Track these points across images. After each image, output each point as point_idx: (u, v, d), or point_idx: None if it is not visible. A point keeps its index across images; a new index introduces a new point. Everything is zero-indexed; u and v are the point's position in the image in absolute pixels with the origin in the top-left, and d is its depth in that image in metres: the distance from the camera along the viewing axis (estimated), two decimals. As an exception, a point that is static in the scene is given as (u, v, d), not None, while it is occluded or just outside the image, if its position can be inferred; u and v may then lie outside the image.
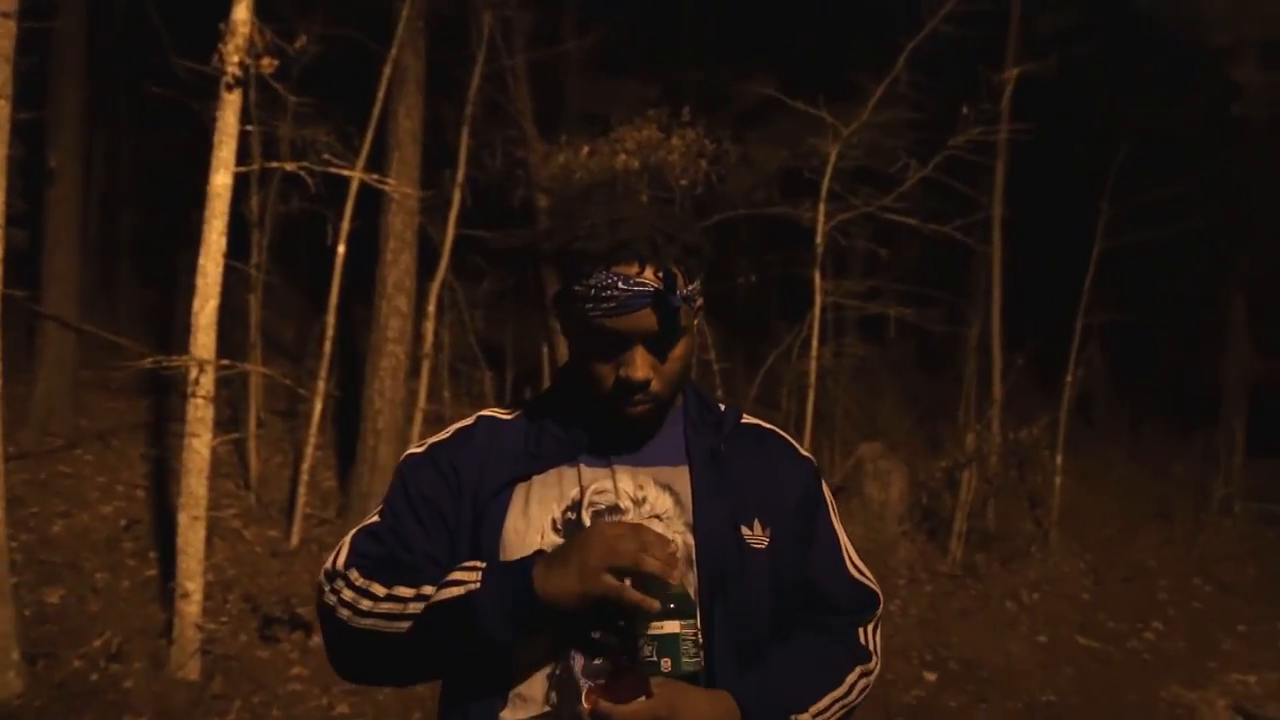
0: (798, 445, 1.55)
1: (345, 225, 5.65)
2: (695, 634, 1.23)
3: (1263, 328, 9.63)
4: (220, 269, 4.38)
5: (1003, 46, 6.75)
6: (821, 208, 5.59)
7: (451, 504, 1.38)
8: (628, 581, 1.19)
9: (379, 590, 1.30)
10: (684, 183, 5.50)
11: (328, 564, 1.39)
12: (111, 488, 6.68)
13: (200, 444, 4.46)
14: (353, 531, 1.41)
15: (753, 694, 1.29)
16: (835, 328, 8.51)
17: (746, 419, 1.53)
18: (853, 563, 1.50)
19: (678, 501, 1.37)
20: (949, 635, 5.66)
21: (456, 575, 1.26)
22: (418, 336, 6.36)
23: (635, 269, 1.27)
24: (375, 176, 5.45)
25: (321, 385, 5.79)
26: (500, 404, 1.55)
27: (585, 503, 1.36)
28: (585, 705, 1.21)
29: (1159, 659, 5.69)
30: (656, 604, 1.19)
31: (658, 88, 6.93)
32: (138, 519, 6.07)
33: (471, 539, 1.36)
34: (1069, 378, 7.53)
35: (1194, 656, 5.75)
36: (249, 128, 4.36)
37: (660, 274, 1.26)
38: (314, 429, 5.79)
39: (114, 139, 8.79)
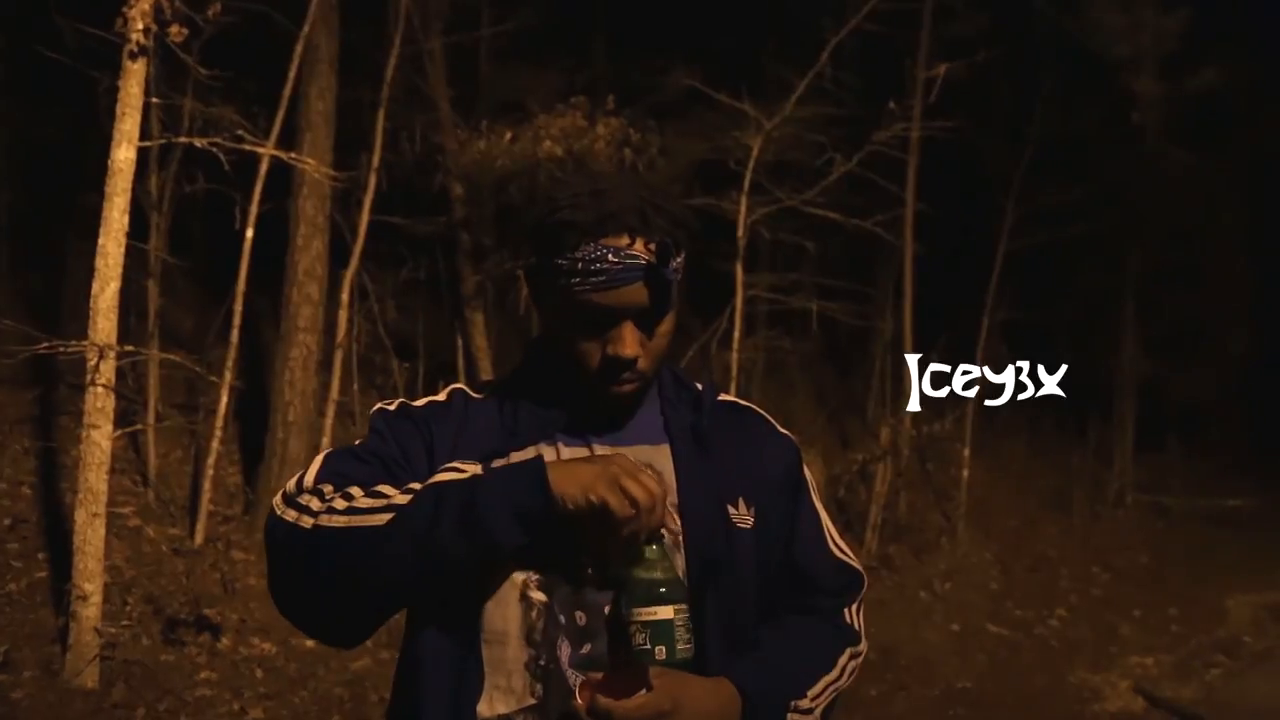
0: (776, 423, 1.50)
1: (254, 208, 5.39)
2: (687, 619, 1.16)
3: (1151, 328, 10.15)
4: (122, 250, 4.12)
5: (916, 49, 6.91)
6: (744, 200, 5.60)
7: (423, 463, 1.28)
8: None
9: (357, 492, 1.18)
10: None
11: (289, 484, 1.24)
12: (-11, 483, 6.25)
13: (100, 436, 4.18)
14: (323, 453, 1.29)
15: (751, 680, 1.24)
16: (748, 323, 8.58)
17: (724, 396, 1.48)
18: (835, 543, 1.46)
19: (660, 481, 1.28)
20: (867, 625, 5.74)
21: (456, 464, 1.17)
22: (329, 326, 6.12)
23: (625, 241, 1.19)
24: (290, 154, 5.21)
25: (229, 375, 5.51)
26: (412, 398, 1.44)
27: None
28: (580, 701, 1.13)
29: (1064, 644, 5.91)
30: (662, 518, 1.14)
31: (579, 78, 6.85)
32: (24, 518, 5.68)
33: None
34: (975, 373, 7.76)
35: (1097, 641, 5.98)
36: (154, 100, 4.10)
37: (652, 246, 1.19)
38: (219, 421, 5.51)
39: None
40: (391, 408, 1.35)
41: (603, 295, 1.20)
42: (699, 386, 1.43)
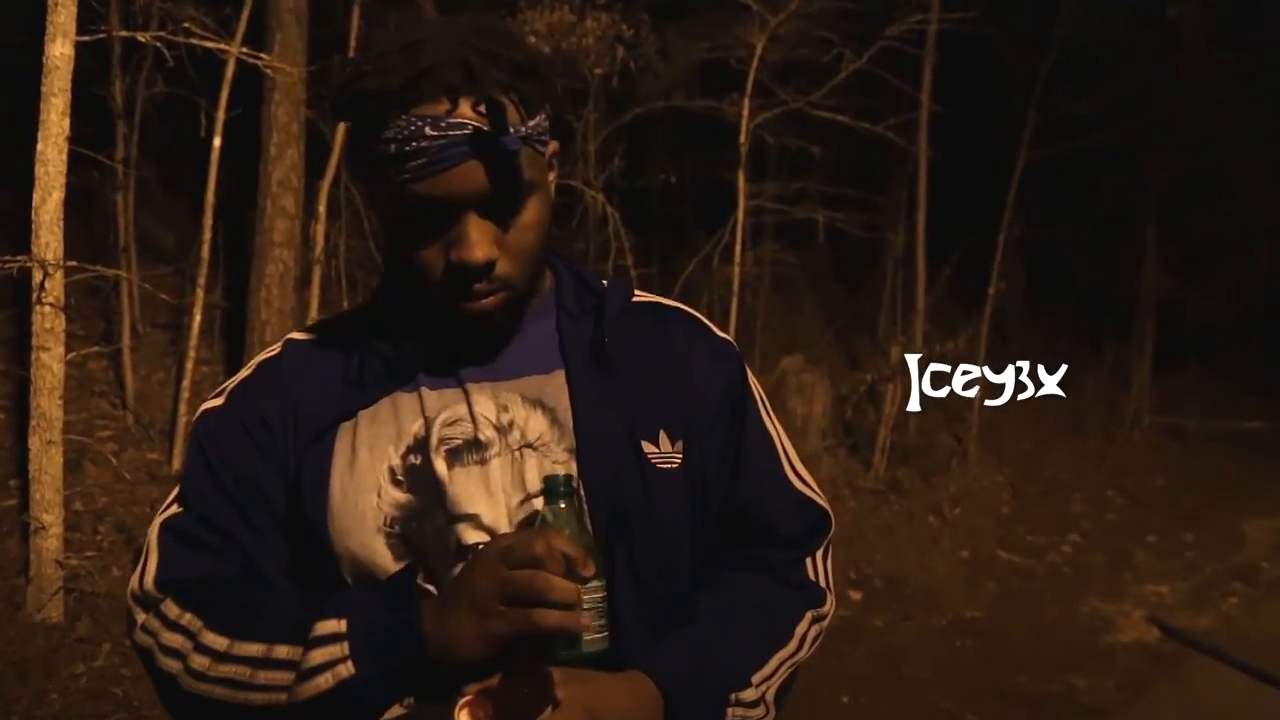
0: (713, 326, 1.18)
1: (220, 114, 5.02)
2: (600, 600, 0.89)
3: (1174, 244, 9.73)
4: (64, 155, 3.79)
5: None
6: (746, 103, 5.18)
7: (266, 469, 1.00)
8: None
9: (212, 641, 0.93)
10: (599, 71, 5.02)
11: (134, 577, 0.99)
12: (-38, 410, 6.04)
13: (50, 358, 3.92)
14: (157, 521, 1.02)
15: (673, 675, 0.96)
16: (753, 235, 8.21)
17: (640, 296, 1.15)
18: (796, 474, 1.16)
19: (554, 421, 1.01)
20: (873, 552, 5.55)
21: (318, 654, 0.89)
22: (307, 241, 5.81)
23: (444, 106, 0.89)
24: (255, 55, 4.81)
25: (200, 294, 5.22)
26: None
27: (434, 439, 0.99)
28: None
29: (1077, 572, 5.70)
30: (586, 619, 0.86)
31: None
32: (-3, 444, 5.48)
33: (289, 511, 0.99)
34: (991, 290, 7.41)
35: (1110, 569, 5.78)
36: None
37: (481, 108, 0.89)
38: (194, 342, 5.26)
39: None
40: (218, 404, 1.05)
41: (428, 184, 0.90)
42: (605, 287, 1.11)
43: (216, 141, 5.12)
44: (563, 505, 0.89)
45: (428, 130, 0.88)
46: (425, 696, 0.91)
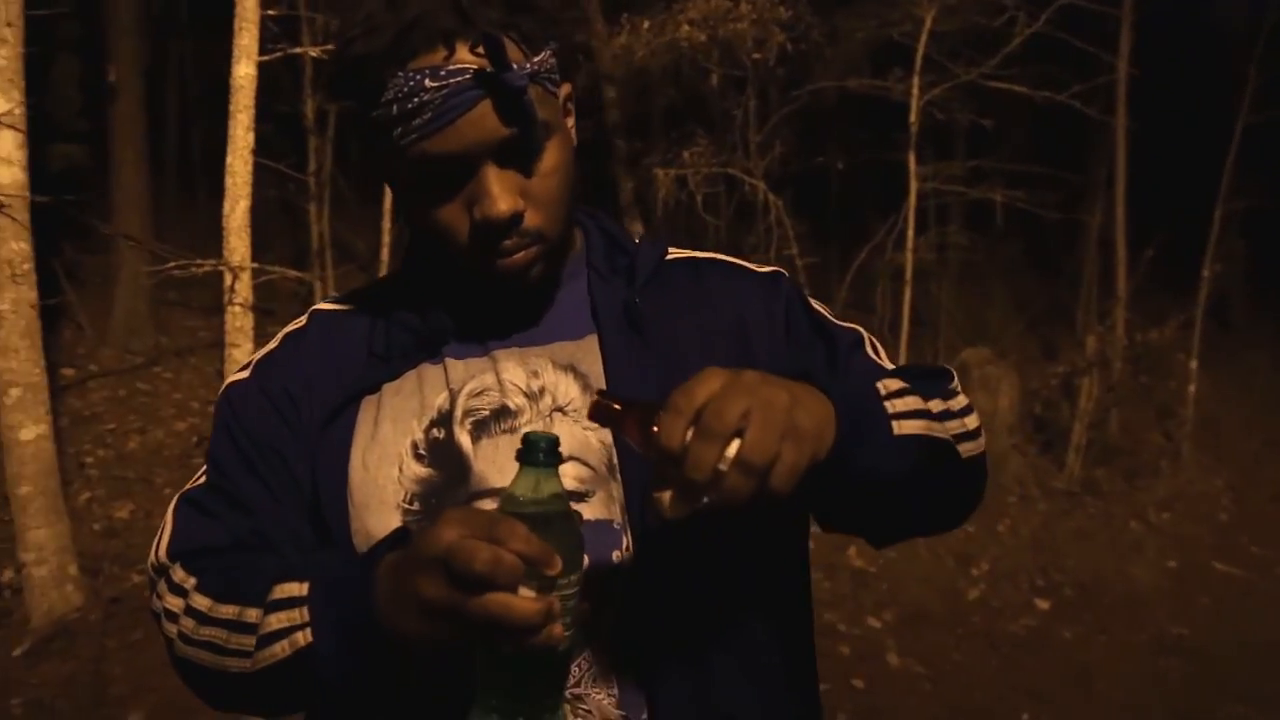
0: (754, 265, 1.07)
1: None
2: (571, 596, 0.76)
3: None
4: (249, 167, 4.05)
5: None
6: (916, 80, 4.88)
7: (290, 441, 0.96)
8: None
9: (197, 603, 0.89)
10: (757, 56, 4.87)
11: (152, 548, 0.98)
12: (187, 404, 6.65)
13: (241, 355, 4.20)
14: (178, 495, 1.00)
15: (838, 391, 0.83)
16: (937, 219, 7.77)
17: (675, 253, 1.06)
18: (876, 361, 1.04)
19: (586, 387, 0.93)
20: (1064, 558, 5.11)
21: (278, 619, 0.83)
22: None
23: (441, 54, 0.82)
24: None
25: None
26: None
27: (459, 411, 0.93)
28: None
29: (1311, 588, 5.01)
30: (557, 630, 0.74)
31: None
32: (209, 435, 6.00)
33: (312, 483, 0.94)
34: (1205, 273, 6.66)
35: (1353, 585, 5.04)
36: (270, 12, 3.97)
37: (480, 49, 0.81)
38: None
39: (180, 49, 8.61)
40: (243, 376, 1.02)
41: (437, 139, 0.83)
42: (637, 245, 1.02)
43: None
44: (541, 473, 0.75)
45: (428, 82, 0.82)
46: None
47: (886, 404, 0.84)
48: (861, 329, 1.07)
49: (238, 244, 4.08)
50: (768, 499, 0.71)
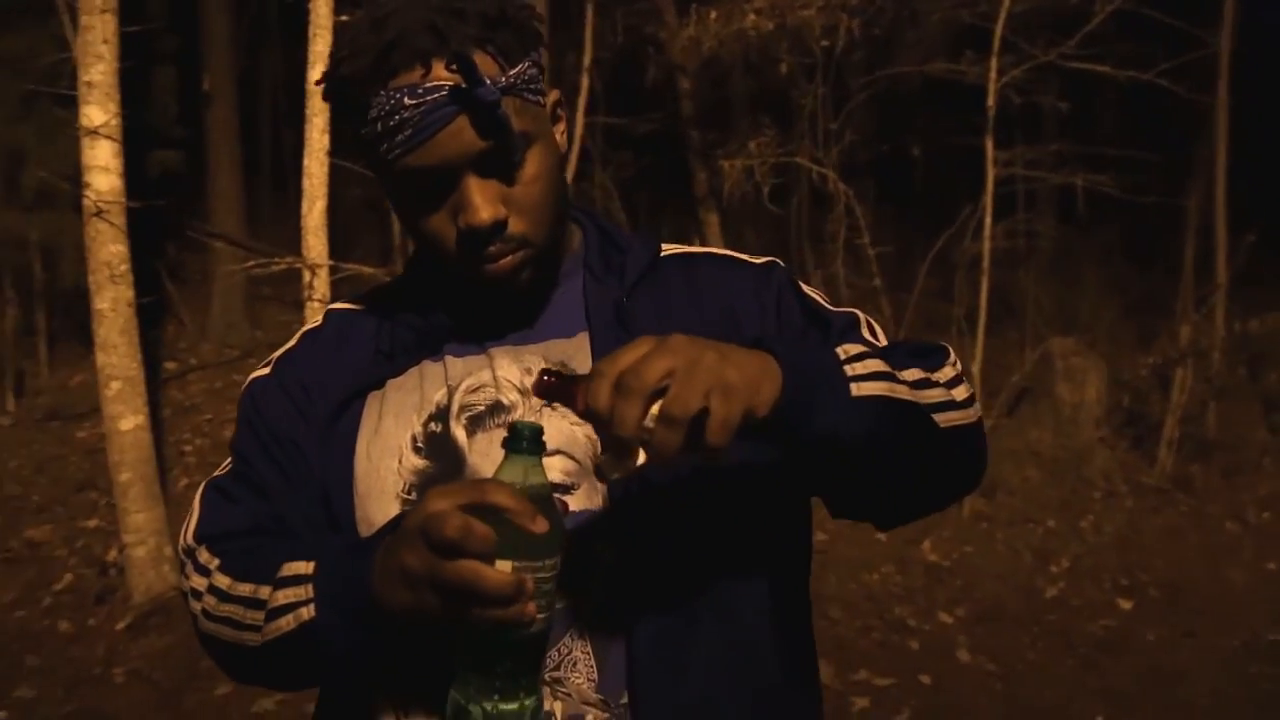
0: (748, 257, 1.09)
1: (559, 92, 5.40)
2: (550, 579, 0.79)
3: None
4: (325, 169, 4.21)
5: None
6: (994, 62, 4.73)
7: (305, 432, 1.02)
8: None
9: (218, 581, 0.97)
10: (826, 44, 4.80)
11: (181, 532, 1.05)
12: (280, 396, 6.95)
13: (320, 350, 4.38)
14: (205, 482, 1.08)
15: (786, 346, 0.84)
16: (1027, 204, 7.52)
17: (669, 249, 1.08)
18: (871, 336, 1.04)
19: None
20: (1151, 557, 4.91)
21: (285, 595, 0.90)
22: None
23: (419, 73, 0.86)
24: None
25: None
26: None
27: (455, 407, 0.97)
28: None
29: None
30: (531, 608, 0.78)
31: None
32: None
33: (322, 472, 1.00)
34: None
35: None
36: (343, 18, 4.11)
37: (453, 65, 0.85)
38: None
39: (272, 57, 8.95)
40: (265, 373, 1.08)
41: (418, 154, 0.88)
42: (630, 243, 1.06)
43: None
44: (525, 460, 0.79)
45: (406, 100, 0.86)
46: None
47: (846, 367, 0.84)
48: (858, 312, 1.08)
49: (315, 242, 4.24)
50: (705, 454, 0.74)
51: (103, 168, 4.07)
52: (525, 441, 0.79)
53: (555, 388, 0.79)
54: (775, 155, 4.85)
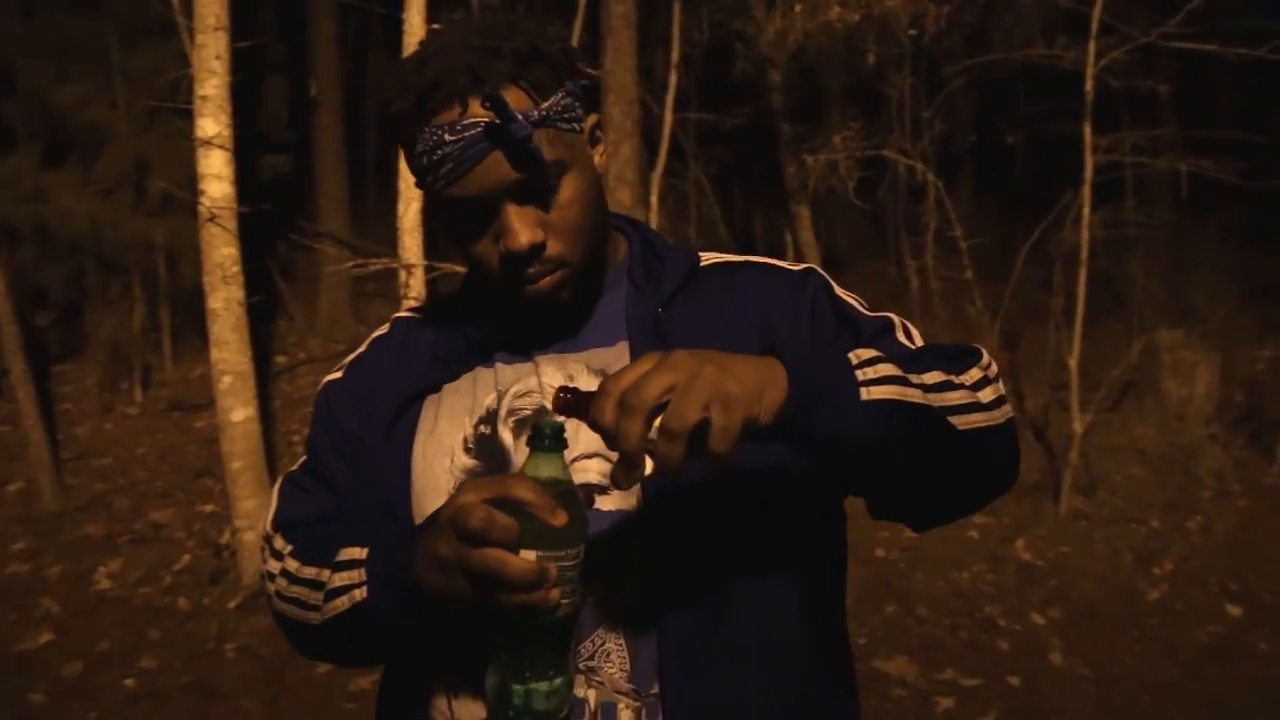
0: (787, 264, 1.13)
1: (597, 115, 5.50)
2: (573, 567, 0.86)
3: None
4: (419, 171, 4.37)
5: None
6: (1092, 45, 4.56)
7: (371, 431, 1.11)
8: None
9: (289, 565, 1.07)
10: (913, 33, 4.71)
11: (262, 521, 1.18)
12: (384, 388, 7.22)
13: (415, 345, 4.55)
14: (282, 475, 1.19)
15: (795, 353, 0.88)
16: (1136, 191, 7.20)
17: (709, 258, 1.13)
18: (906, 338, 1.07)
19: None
20: (1265, 561, 4.67)
21: (341, 577, 0.99)
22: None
23: (457, 111, 0.94)
24: (590, 66, 5.18)
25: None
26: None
27: (503, 411, 1.05)
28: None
29: None
30: (555, 594, 0.84)
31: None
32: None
33: (383, 468, 1.09)
34: None
35: None
36: (434, 26, 4.24)
37: (486, 104, 0.92)
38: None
39: (377, 62, 9.28)
40: (337, 376, 1.19)
41: (459, 186, 0.96)
42: (669, 255, 1.11)
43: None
44: (547, 456, 0.86)
45: (446, 137, 0.94)
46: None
47: (857, 372, 0.87)
48: (893, 316, 1.10)
49: (410, 242, 4.41)
50: (711, 460, 0.78)
51: (216, 176, 4.31)
52: (547, 439, 0.85)
53: (570, 404, 0.85)
54: (861, 148, 4.80)
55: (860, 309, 1.10)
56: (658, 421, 0.78)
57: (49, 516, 5.21)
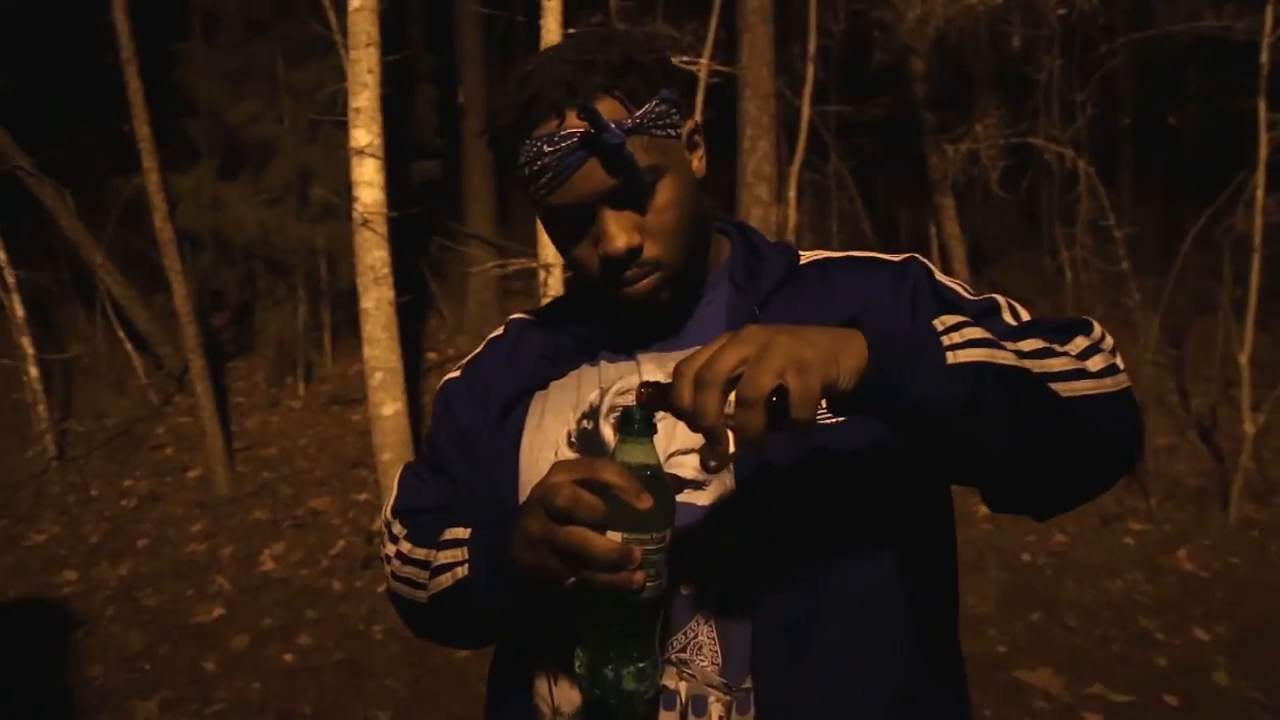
0: (888, 256, 1.13)
1: (697, 118, 5.51)
2: (658, 550, 0.88)
3: None
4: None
5: None
6: (1269, 13, 4.20)
7: (486, 426, 1.18)
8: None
9: (403, 547, 1.15)
10: (1062, 12, 4.47)
11: (384, 507, 1.27)
12: (527, 384, 7.44)
13: (552, 342, 4.67)
14: (404, 465, 1.28)
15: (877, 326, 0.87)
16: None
17: (809, 256, 1.15)
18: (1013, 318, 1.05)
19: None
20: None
21: (445, 555, 1.06)
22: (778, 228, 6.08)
23: (554, 123, 0.99)
24: (723, 66, 5.19)
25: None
26: None
27: (605, 407, 1.10)
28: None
29: None
30: (639, 576, 0.86)
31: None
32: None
33: (493, 461, 1.16)
34: None
35: None
36: (570, 31, 4.34)
37: (581, 115, 0.96)
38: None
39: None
40: (457, 375, 1.26)
41: (558, 194, 1.01)
42: (768, 254, 1.14)
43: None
44: (636, 442, 0.88)
45: (545, 149, 0.99)
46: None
47: (943, 337, 0.85)
48: (998, 297, 1.07)
49: (549, 243, 4.54)
50: (794, 429, 0.77)
51: (368, 183, 4.55)
52: (636, 424, 0.88)
53: (653, 397, 0.87)
54: (1003, 136, 4.59)
55: (964, 293, 1.09)
56: (733, 395, 0.78)
57: (223, 501, 5.64)
